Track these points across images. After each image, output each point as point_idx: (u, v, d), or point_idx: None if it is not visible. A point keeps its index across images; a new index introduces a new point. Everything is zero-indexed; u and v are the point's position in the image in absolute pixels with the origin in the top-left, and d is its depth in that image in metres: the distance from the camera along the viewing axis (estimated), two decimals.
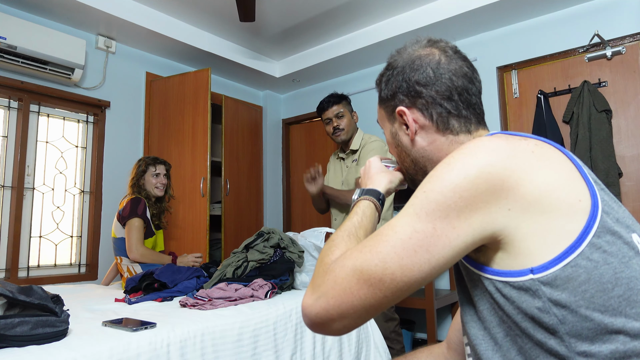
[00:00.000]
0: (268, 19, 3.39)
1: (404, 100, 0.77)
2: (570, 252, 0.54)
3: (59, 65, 2.86)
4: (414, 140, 0.77)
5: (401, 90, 0.77)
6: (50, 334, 1.13)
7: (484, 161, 0.58)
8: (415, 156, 0.78)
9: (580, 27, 2.90)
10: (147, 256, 2.31)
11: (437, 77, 0.74)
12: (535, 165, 0.58)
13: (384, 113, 0.83)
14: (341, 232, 0.71)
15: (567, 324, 0.54)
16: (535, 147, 0.61)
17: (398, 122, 0.79)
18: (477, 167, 0.57)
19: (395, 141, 0.81)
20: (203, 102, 3.33)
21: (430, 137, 0.75)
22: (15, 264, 2.78)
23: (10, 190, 2.81)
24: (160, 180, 2.52)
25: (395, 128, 0.80)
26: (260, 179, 4.37)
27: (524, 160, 0.58)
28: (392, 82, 0.79)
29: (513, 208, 0.56)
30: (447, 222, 0.57)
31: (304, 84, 4.49)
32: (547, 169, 0.58)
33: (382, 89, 0.82)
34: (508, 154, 0.58)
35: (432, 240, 0.57)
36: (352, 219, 0.75)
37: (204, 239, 3.17)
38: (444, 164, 0.61)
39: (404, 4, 3.23)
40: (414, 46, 0.79)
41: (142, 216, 2.35)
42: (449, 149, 0.74)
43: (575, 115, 2.79)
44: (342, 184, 2.50)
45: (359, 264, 0.58)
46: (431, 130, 0.75)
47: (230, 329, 1.44)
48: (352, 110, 2.60)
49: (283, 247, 2.02)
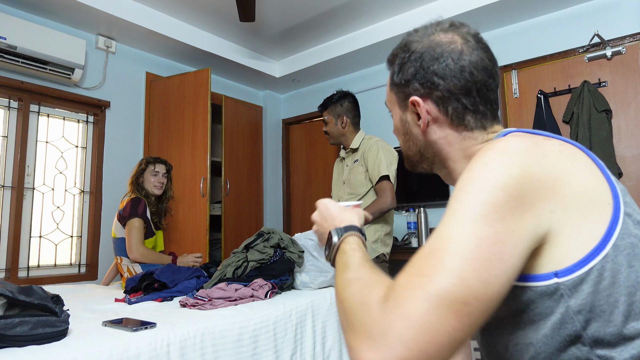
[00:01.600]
0: (268, 19, 3.39)
1: (419, 89, 0.71)
2: (594, 255, 0.52)
3: (59, 65, 2.86)
4: (425, 132, 0.73)
5: (417, 79, 0.71)
6: (50, 334, 1.13)
7: (522, 161, 0.53)
8: (424, 147, 0.75)
9: (580, 27, 2.90)
10: (147, 256, 2.31)
11: (458, 70, 0.68)
12: (567, 166, 0.56)
13: (394, 97, 0.77)
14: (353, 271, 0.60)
15: (590, 329, 0.52)
16: (561, 148, 0.58)
17: (410, 111, 0.74)
18: (518, 166, 0.53)
19: (404, 129, 0.77)
20: (203, 102, 3.33)
21: (443, 132, 0.72)
22: (15, 264, 2.78)
23: (10, 190, 2.81)
24: (158, 179, 2.51)
25: (405, 116, 0.76)
26: (260, 179, 4.37)
27: (556, 162, 0.55)
28: (408, 67, 0.72)
29: (555, 210, 0.53)
30: (505, 226, 0.50)
31: (304, 84, 4.49)
32: (577, 170, 0.56)
33: (395, 72, 0.75)
34: (541, 155, 0.55)
35: (500, 247, 0.49)
36: (353, 256, 0.65)
37: (204, 239, 3.17)
38: (480, 164, 0.55)
39: (404, 4, 3.23)
40: (435, 28, 0.73)
41: (142, 216, 2.35)
42: (461, 145, 0.71)
43: (575, 115, 2.79)
44: (344, 184, 2.49)
45: (435, 290, 0.46)
46: (444, 124, 0.71)
47: (230, 329, 1.44)
48: (340, 114, 2.47)
49: (283, 247, 2.02)
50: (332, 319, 1.88)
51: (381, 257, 2.33)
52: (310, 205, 4.45)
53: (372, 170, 2.31)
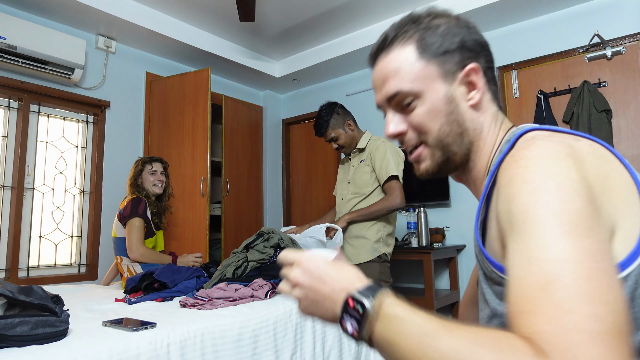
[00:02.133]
0: (268, 19, 3.39)
1: (471, 57, 0.64)
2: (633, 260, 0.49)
3: (59, 65, 2.86)
4: (478, 105, 0.66)
5: (466, 47, 0.64)
6: (50, 334, 1.13)
7: (574, 165, 0.49)
8: (467, 129, 0.66)
9: (580, 27, 2.90)
10: (148, 256, 2.31)
11: (485, 43, 0.67)
12: (604, 166, 0.53)
13: (434, 70, 0.65)
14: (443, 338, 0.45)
15: None
16: (592, 149, 0.54)
17: (459, 83, 0.65)
18: (575, 170, 0.48)
19: (448, 108, 0.65)
20: (203, 102, 3.33)
21: (488, 105, 0.67)
22: (15, 264, 2.78)
23: (10, 190, 2.81)
24: (157, 177, 2.51)
25: (451, 90, 0.65)
26: (260, 179, 4.37)
27: (596, 163, 0.52)
28: (454, 33, 0.65)
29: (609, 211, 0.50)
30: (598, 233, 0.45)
31: (304, 84, 4.49)
32: (612, 169, 0.53)
33: (436, 41, 0.65)
34: (582, 158, 0.52)
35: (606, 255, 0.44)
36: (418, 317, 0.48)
37: (204, 239, 3.17)
38: (535, 172, 0.49)
39: (404, 4, 3.23)
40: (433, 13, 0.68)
41: (142, 216, 2.35)
42: (490, 126, 0.67)
43: (575, 115, 2.79)
44: (349, 184, 2.48)
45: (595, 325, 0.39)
46: (487, 99, 0.67)
47: (230, 329, 1.44)
48: (344, 121, 2.44)
49: (283, 247, 2.02)
50: None
51: (383, 257, 2.32)
52: (310, 205, 4.45)
53: (380, 170, 2.31)
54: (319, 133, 2.49)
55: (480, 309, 0.65)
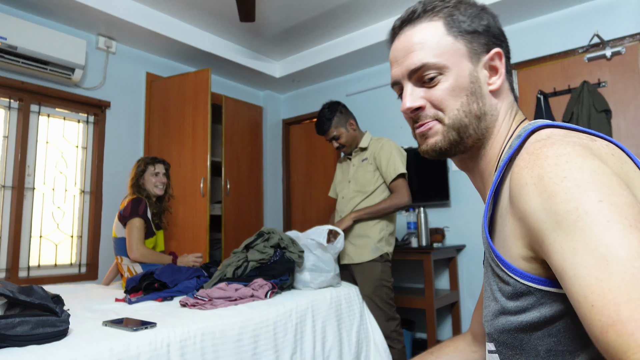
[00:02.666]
0: (268, 19, 3.39)
1: (496, 42, 0.66)
2: None
3: (59, 65, 2.86)
4: (497, 91, 0.67)
5: (492, 32, 0.66)
6: (51, 334, 1.13)
7: (598, 160, 0.49)
8: (486, 113, 0.67)
9: (580, 27, 2.90)
10: (148, 256, 2.31)
11: (506, 37, 0.69)
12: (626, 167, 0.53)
13: (462, 47, 0.66)
14: None
15: None
16: (608, 149, 0.54)
17: (484, 65, 0.66)
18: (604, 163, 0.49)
19: (472, 87, 0.66)
20: (203, 102, 3.33)
21: (505, 94, 0.68)
22: (16, 264, 2.79)
23: (10, 190, 2.81)
24: (159, 179, 2.52)
25: (477, 70, 0.66)
26: (260, 179, 4.37)
27: (615, 163, 0.52)
28: (483, 17, 0.67)
29: None
30: None
31: (304, 84, 4.50)
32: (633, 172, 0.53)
33: (465, 20, 0.66)
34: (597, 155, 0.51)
35: None
36: None
37: (204, 239, 3.18)
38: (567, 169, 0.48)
39: (404, 4, 3.23)
40: None
41: (142, 216, 2.35)
42: (505, 115, 0.68)
43: (575, 115, 2.79)
44: (350, 182, 2.49)
45: None
46: (506, 87, 0.68)
47: (230, 329, 1.44)
48: (346, 120, 2.45)
49: (283, 247, 2.02)
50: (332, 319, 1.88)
51: (384, 256, 2.33)
52: (310, 205, 4.45)
53: (387, 168, 2.31)
54: (322, 131, 2.48)
55: (486, 306, 0.65)
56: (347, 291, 2.09)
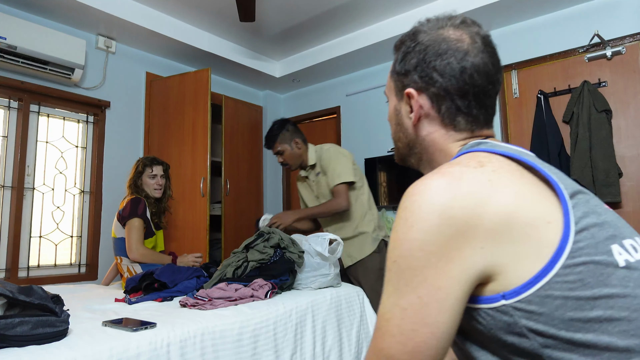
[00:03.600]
0: (268, 19, 3.39)
1: (417, 82, 0.71)
2: (542, 276, 0.52)
3: (59, 65, 2.86)
4: (416, 126, 0.73)
5: (417, 71, 0.70)
6: (51, 334, 1.13)
7: (440, 206, 0.54)
8: (412, 141, 0.75)
9: (580, 27, 2.90)
10: (147, 256, 2.31)
11: (458, 70, 0.67)
12: (494, 195, 0.54)
13: (392, 85, 0.77)
14: None
15: (550, 346, 0.52)
16: (492, 176, 0.56)
17: (404, 102, 0.74)
18: (436, 214, 0.53)
19: (397, 119, 0.77)
20: (203, 102, 3.33)
21: (432, 128, 0.72)
22: (15, 264, 2.78)
23: (10, 190, 2.81)
24: (157, 181, 2.50)
25: (400, 106, 0.76)
26: (260, 179, 4.37)
27: (481, 193, 0.54)
28: (411, 57, 0.71)
29: (485, 245, 0.53)
30: (429, 285, 0.52)
31: (304, 84, 4.49)
32: (506, 196, 0.54)
33: (398, 59, 0.75)
34: (463, 191, 0.54)
35: (425, 311, 0.52)
36: None
37: (204, 239, 3.17)
38: (401, 220, 0.56)
39: (404, 4, 3.23)
40: (446, 22, 0.72)
41: (142, 216, 2.34)
42: (444, 144, 0.71)
43: (575, 115, 2.79)
44: (318, 198, 2.56)
45: None
46: (435, 121, 0.71)
47: (230, 329, 1.44)
48: (292, 138, 2.52)
49: (283, 247, 2.02)
50: (332, 319, 1.88)
51: (381, 245, 2.40)
52: None
53: (331, 175, 2.42)
54: (267, 145, 2.60)
55: None
56: (347, 291, 2.09)
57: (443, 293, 0.52)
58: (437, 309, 0.52)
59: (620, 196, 2.64)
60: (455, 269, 0.53)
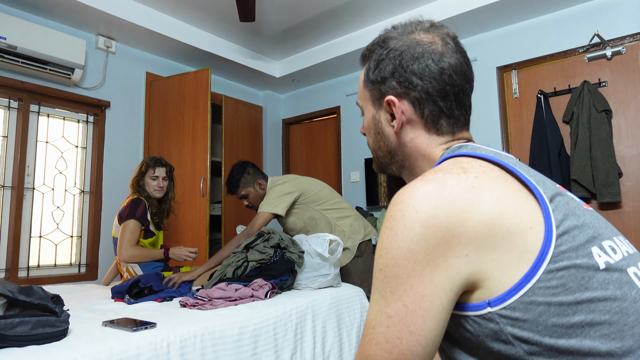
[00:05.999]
0: (268, 19, 3.39)
1: (396, 88, 0.69)
2: (525, 282, 0.52)
3: (59, 65, 2.86)
4: (399, 133, 0.71)
5: (395, 77, 0.69)
6: (51, 334, 1.13)
7: (424, 214, 0.54)
8: (394, 149, 0.73)
9: (580, 27, 2.90)
10: (136, 257, 2.26)
11: (437, 72, 0.67)
12: (477, 202, 0.54)
13: (368, 95, 0.75)
14: None
15: (535, 353, 0.52)
16: (475, 182, 0.56)
17: (384, 110, 0.72)
18: (420, 222, 0.53)
19: (376, 128, 0.75)
20: (203, 102, 3.33)
21: (414, 133, 0.71)
22: (15, 264, 2.78)
23: (10, 190, 2.81)
24: (158, 183, 2.47)
25: (379, 115, 0.74)
26: None
27: (464, 200, 0.54)
28: (385, 64, 0.70)
29: (469, 252, 0.53)
30: (415, 293, 0.53)
31: (304, 84, 4.49)
32: (489, 202, 0.54)
33: (371, 68, 0.73)
34: (446, 199, 0.54)
35: (410, 319, 0.53)
36: None
37: (204, 239, 3.17)
38: (387, 230, 0.56)
39: (404, 4, 3.23)
40: (415, 27, 0.71)
41: (140, 219, 2.31)
42: (427, 149, 0.71)
43: (575, 115, 2.79)
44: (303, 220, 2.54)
45: None
46: (418, 126, 0.70)
47: (230, 329, 1.44)
48: (254, 180, 2.54)
49: (283, 247, 2.02)
50: (332, 319, 1.88)
51: (361, 247, 2.42)
52: None
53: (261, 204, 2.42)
54: (230, 191, 2.58)
55: None
56: (347, 291, 2.09)
57: (428, 301, 0.53)
58: (422, 317, 0.53)
59: (620, 196, 2.64)
60: (440, 276, 0.53)
